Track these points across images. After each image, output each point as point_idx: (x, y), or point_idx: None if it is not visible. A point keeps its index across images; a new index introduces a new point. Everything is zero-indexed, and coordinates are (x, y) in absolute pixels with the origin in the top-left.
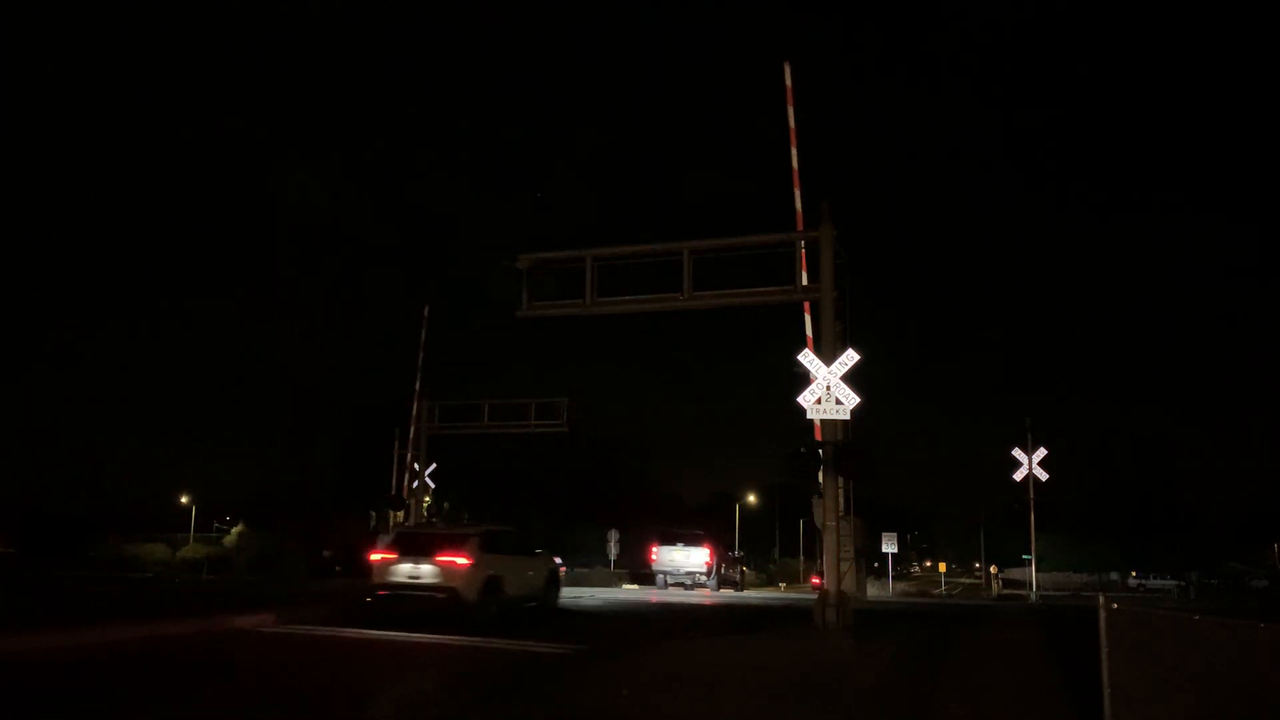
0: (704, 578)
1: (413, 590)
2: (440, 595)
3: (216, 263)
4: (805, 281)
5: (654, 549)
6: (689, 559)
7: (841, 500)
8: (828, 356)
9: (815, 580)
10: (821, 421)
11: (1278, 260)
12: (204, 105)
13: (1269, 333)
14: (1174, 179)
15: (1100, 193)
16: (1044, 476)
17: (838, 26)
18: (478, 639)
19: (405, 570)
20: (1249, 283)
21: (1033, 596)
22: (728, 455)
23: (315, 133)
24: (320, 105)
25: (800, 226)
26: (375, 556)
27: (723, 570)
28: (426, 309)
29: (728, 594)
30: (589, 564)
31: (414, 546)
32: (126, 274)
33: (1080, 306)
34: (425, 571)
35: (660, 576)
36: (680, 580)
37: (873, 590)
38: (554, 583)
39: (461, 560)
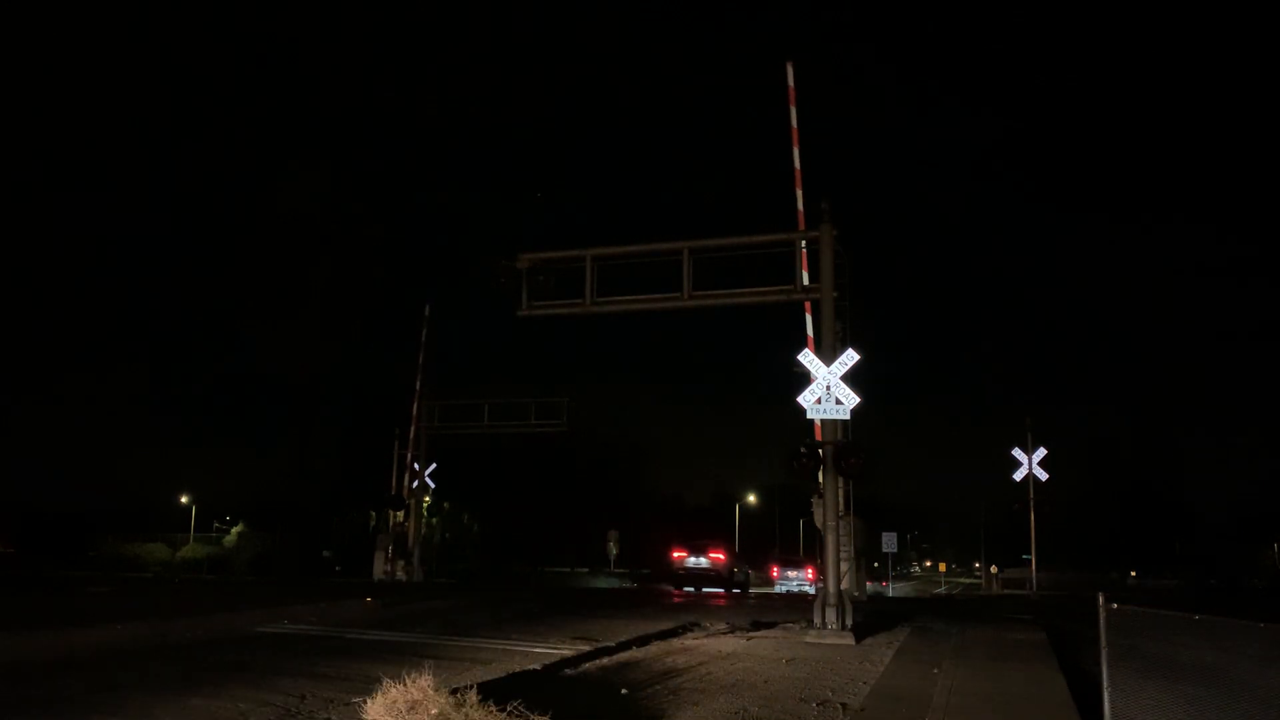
0: (808, 586)
1: (697, 570)
2: (712, 574)
3: (217, 262)
4: (805, 281)
5: (776, 569)
6: (802, 576)
7: (841, 500)
8: (828, 356)
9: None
10: (821, 421)
11: (1277, 261)
12: (205, 105)
13: (1269, 332)
14: (1174, 180)
15: (1102, 194)
16: (1044, 476)
17: (839, 26)
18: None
19: (692, 561)
20: (1249, 283)
21: (1032, 596)
22: (728, 455)
23: (316, 133)
24: (321, 106)
25: (802, 226)
26: (676, 554)
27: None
28: (428, 308)
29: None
30: (588, 565)
31: (696, 549)
32: (125, 274)
33: (1081, 306)
34: (704, 562)
35: (782, 585)
36: (792, 588)
37: (872, 589)
38: (748, 577)
39: (722, 556)
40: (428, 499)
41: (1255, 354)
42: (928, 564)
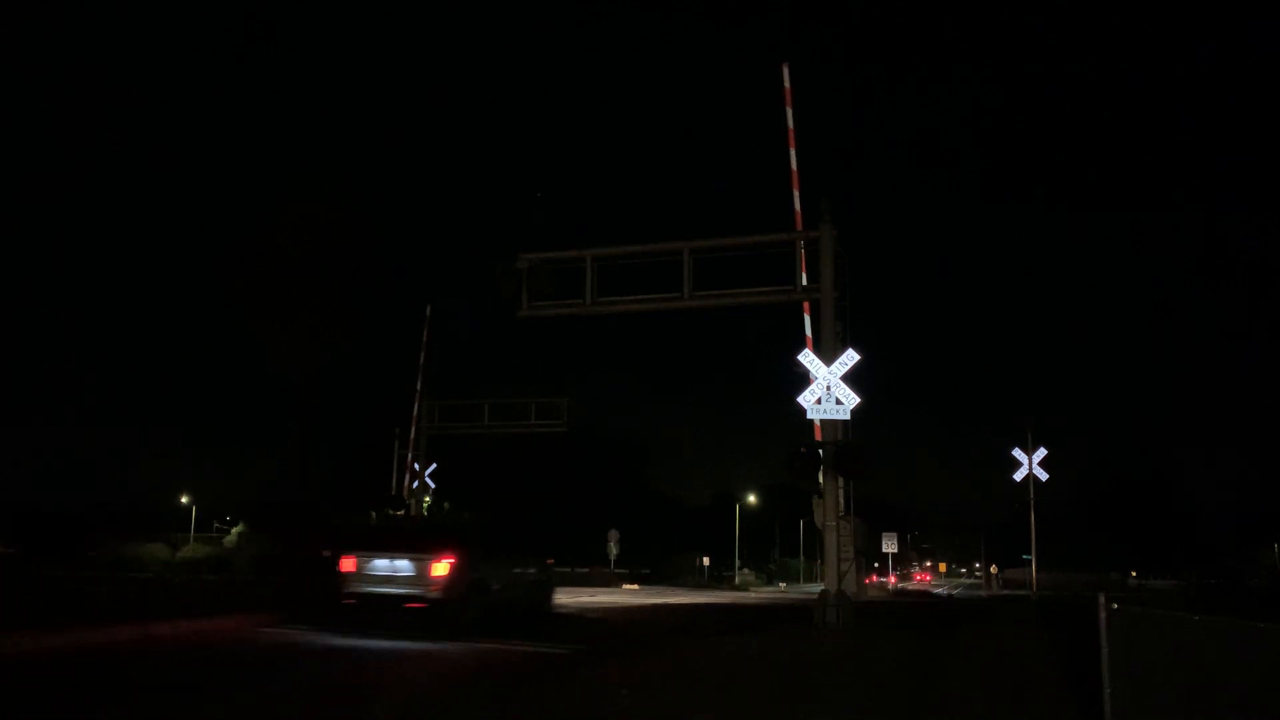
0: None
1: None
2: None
3: (216, 262)
4: (805, 281)
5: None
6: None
7: (841, 500)
8: (828, 356)
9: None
10: (821, 421)
11: (1278, 263)
12: (205, 105)
13: (1269, 334)
14: (1174, 179)
15: (1102, 194)
16: (1044, 477)
17: (839, 26)
18: None
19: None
20: (1250, 285)
21: (1033, 596)
22: (728, 456)
23: (316, 132)
24: (321, 106)
25: (799, 227)
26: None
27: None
28: (429, 308)
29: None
30: (589, 565)
31: None
32: (126, 275)
33: (1081, 306)
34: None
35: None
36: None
37: (872, 589)
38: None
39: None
40: (428, 499)
41: (1256, 354)
42: (928, 564)
